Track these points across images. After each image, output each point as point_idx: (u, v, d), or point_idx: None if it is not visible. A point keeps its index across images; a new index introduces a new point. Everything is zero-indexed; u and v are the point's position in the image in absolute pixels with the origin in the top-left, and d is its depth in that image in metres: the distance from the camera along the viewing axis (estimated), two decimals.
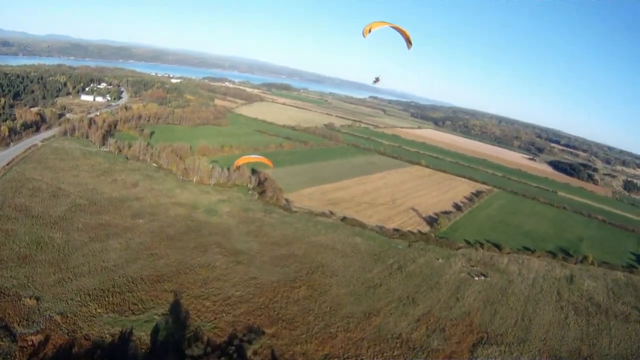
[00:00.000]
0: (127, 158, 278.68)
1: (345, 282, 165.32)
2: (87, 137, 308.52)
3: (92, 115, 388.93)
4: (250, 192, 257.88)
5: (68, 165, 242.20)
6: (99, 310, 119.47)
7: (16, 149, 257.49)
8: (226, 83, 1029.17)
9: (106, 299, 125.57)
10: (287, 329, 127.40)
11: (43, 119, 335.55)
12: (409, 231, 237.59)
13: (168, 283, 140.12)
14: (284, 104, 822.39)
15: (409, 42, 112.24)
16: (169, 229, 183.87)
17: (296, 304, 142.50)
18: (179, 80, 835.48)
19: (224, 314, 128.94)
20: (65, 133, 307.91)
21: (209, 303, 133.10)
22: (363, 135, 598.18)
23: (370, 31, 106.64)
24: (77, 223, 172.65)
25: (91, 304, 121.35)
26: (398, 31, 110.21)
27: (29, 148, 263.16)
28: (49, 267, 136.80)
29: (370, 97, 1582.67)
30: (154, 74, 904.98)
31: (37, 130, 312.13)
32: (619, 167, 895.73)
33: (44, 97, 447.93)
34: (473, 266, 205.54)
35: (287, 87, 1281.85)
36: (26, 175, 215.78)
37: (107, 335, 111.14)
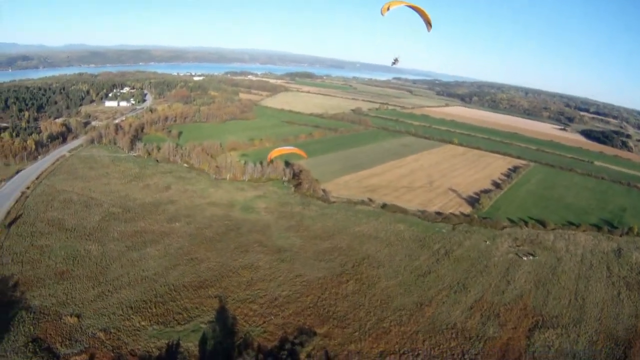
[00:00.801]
0: (157, 161, 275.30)
1: (393, 272, 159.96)
2: (114, 143, 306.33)
3: (117, 120, 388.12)
4: (285, 185, 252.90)
5: (98, 174, 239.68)
6: (142, 323, 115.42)
7: (44, 162, 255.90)
8: (249, 76, 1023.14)
9: (149, 310, 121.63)
10: (339, 328, 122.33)
11: (69, 129, 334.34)
12: (451, 213, 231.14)
13: (211, 288, 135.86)
14: (309, 92, 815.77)
15: (428, 23, 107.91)
16: (207, 231, 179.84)
17: (345, 300, 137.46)
18: (201, 78, 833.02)
19: (272, 317, 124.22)
20: (92, 141, 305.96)
21: (256, 306, 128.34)
22: (392, 117, 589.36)
23: (388, 9, 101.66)
24: (113, 232, 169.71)
25: (134, 317, 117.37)
26: (417, 11, 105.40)
27: (57, 159, 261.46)
28: (88, 281, 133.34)
29: (394, 78, 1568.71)
30: (175, 73, 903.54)
31: (64, 140, 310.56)
32: None
33: (67, 107, 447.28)
34: (519, 246, 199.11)
35: (309, 75, 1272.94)
36: (56, 187, 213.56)
37: (154, 349, 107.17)
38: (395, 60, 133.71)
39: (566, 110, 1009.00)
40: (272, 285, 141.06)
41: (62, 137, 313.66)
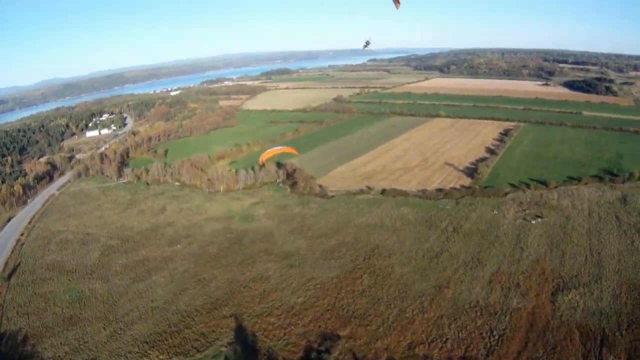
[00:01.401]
0: (147, 184, 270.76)
1: (405, 259, 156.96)
2: (102, 173, 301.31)
3: (101, 149, 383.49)
4: (281, 186, 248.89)
5: (90, 207, 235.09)
6: (161, 357, 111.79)
7: (34, 204, 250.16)
8: (225, 82, 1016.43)
9: (165, 342, 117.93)
10: (362, 326, 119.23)
11: (54, 167, 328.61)
12: (451, 188, 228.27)
13: (225, 308, 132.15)
14: (287, 88, 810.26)
15: (396, 1, 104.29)
16: (210, 248, 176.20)
17: (363, 296, 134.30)
18: (178, 92, 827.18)
19: (292, 327, 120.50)
20: (79, 175, 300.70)
21: (274, 319, 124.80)
22: (374, 100, 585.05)
23: None
24: (115, 266, 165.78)
25: (151, 352, 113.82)
26: None
27: (47, 200, 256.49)
28: (98, 322, 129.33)
29: (369, 60, 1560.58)
30: (152, 92, 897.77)
31: (51, 179, 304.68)
32: (632, 73, 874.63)
33: (49, 145, 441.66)
34: (526, 209, 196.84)
35: (285, 71, 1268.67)
36: (50, 229, 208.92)
37: None
38: (367, 43, 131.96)
39: (545, 65, 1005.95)
40: (285, 294, 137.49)
41: (49, 175, 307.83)
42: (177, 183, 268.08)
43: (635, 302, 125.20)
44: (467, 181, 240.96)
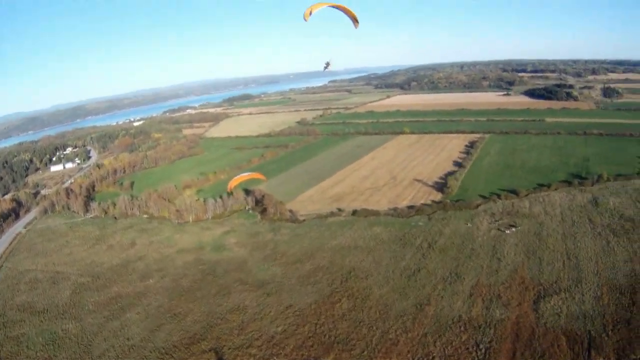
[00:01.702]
0: (115, 218, 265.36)
1: (382, 279, 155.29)
2: (69, 209, 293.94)
3: (67, 184, 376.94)
4: (251, 213, 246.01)
5: (58, 245, 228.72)
6: None
7: (1, 244, 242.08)
8: (188, 110, 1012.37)
9: None
10: (345, 351, 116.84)
11: (19, 204, 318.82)
12: (422, 204, 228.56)
13: (204, 342, 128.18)
14: (250, 113, 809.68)
15: (355, 20, 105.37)
16: (183, 281, 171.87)
17: (343, 320, 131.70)
18: (141, 122, 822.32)
19: (274, 357, 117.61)
20: (45, 211, 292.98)
21: (254, 350, 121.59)
22: (338, 121, 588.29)
23: (311, 13, 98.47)
24: (87, 305, 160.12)
25: None
26: (341, 10, 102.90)
27: (14, 238, 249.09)
28: None
29: (330, 82, 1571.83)
30: (115, 123, 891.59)
31: (17, 217, 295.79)
32: (591, 77, 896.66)
33: (14, 181, 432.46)
34: (499, 220, 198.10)
35: (247, 97, 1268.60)
36: (19, 268, 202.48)
37: None
38: (327, 64, 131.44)
39: (505, 75, 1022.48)
40: (264, 324, 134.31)
41: (15, 213, 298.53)
42: (145, 215, 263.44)
43: (618, 301, 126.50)
44: (437, 196, 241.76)
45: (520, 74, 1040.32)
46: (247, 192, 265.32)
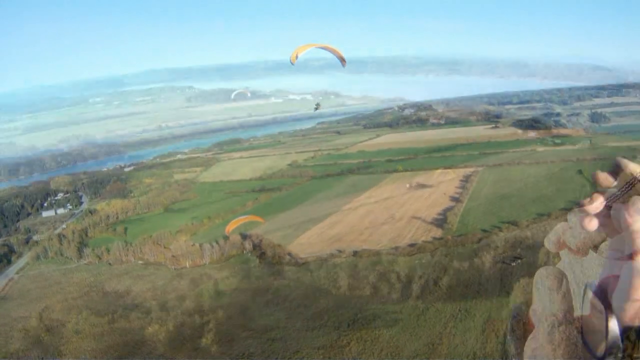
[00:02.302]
0: (109, 264, 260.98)
1: (390, 319, 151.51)
2: (61, 255, 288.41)
3: (59, 230, 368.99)
4: (249, 258, 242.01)
5: (52, 291, 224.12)
6: None
7: None
8: (178, 155, 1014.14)
9: None
10: None
11: (11, 249, 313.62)
12: (424, 242, 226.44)
13: None
14: (241, 157, 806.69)
15: (342, 59, 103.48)
16: (185, 330, 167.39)
17: None
18: (132, 168, 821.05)
19: None
20: (38, 257, 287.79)
21: None
22: (330, 162, 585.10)
23: (297, 57, 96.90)
24: (84, 354, 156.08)
25: None
26: (328, 50, 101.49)
27: (7, 284, 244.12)
28: None
29: (318, 123, 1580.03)
30: (105, 169, 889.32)
31: (9, 262, 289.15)
32: (577, 104, 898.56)
33: (5, 226, 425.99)
34: (502, 253, 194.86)
35: (237, 141, 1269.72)
36: (12, 315, 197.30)
37: None
38: (318, 106, 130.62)
39: (491, 109, 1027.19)
40: None
41: (6, 258, 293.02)
42: (140, 262, 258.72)
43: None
44: (438, 232, 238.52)
45: (507, 106, 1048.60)
46: (244, 236, 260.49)
